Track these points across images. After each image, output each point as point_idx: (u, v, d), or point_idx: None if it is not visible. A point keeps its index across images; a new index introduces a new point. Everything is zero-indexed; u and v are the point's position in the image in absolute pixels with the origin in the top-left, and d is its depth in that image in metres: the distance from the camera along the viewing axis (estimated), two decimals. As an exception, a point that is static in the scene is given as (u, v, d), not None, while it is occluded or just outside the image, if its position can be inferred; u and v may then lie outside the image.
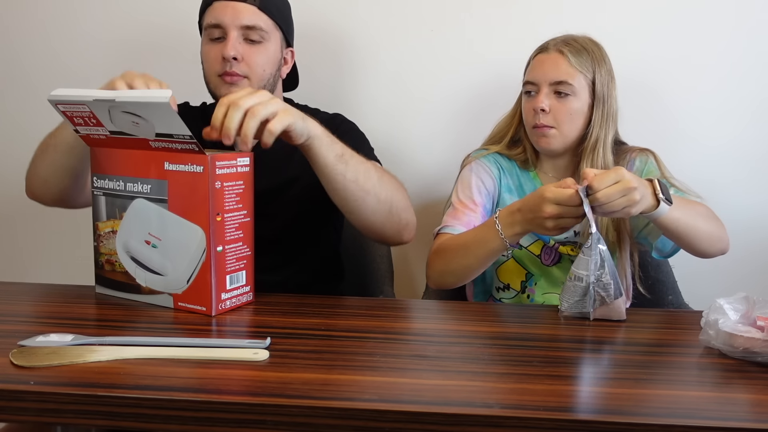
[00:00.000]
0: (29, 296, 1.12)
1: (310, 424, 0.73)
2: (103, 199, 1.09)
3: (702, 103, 1.66)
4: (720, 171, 1.69)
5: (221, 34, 1.28)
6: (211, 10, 1.29)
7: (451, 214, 1.36)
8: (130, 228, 1.06)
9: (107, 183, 1.08)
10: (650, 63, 1.65)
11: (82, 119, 1.03)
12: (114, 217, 1.08)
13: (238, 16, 1.26)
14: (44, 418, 0.76)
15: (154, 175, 1.02)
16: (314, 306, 1.09)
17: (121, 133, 1.02)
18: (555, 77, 1.30)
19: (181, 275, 1.02)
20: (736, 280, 1.70)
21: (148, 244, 1.04)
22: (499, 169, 1.40)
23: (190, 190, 0.99)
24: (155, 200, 1.03)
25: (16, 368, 0.81)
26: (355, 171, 1.11)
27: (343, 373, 0.83)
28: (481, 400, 0.75)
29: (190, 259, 1.01)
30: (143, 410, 0.75)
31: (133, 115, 0.97)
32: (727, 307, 0.91)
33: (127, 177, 1.05)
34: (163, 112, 0.94)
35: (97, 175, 1.09)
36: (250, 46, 1.28)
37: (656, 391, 0.78)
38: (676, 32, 1.64)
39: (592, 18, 1.64)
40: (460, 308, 1.20)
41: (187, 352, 0.86)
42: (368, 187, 1.13)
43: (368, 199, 1.13)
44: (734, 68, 1.64)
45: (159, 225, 1.03)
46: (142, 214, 1.04)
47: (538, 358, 0.87)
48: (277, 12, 1.32)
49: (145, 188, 1.03)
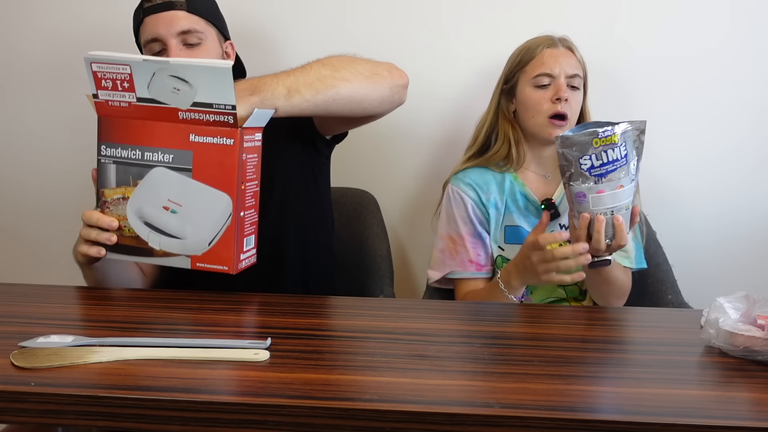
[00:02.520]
0: (30, 297, 1.12)
1: (311, 425, 0.73)
2: (113, 167, 1.11)
3: (700, 102, 1.66)
4: (720, 171, 1.69)
5: (161, 46, 1.30)
6: (144, 27, 1.31)
7: (449, 254, 1.41)
8: (147, 195, 1.10)
9: (120, 152, 1.10)
10: (649, 62, 1.65)
11: (112, 82, 1.06)
12: (126, 185, 1.11)
13: (171, 24, 1.28)
14: (45, 420, 0.76)
15: (177, 145, 1.07)
16: (314, 306, 1.10)
17: (150, 101, 1.05)
18: (571, 71, 1.37)
19: (204, 238, 1.09)
20: (736, 280, 1.70)
21: (166, 209, 1.09)
22: (475, 188, 1.42)
23: (218, 161, 1.06)
24: (177, 169, 1.07)
25: (17, 369, 0.81)
26: (310, 88, 1.13)
27: (344, 374, 0.83)
28: (481, 400, 0.75)
29: (214, 224, 1.08)
30: (144, 411, 0.75)
31: (179, 81, 1.03)
32: (727, 305, 0.91)
33: (145, 147, 1.08)
34: (220, 78, 1.01)
35: (106, 143, 1.10)
36: (190, 50, 1.31)
37: (656, 391, 0.78)
38: (671, 31, 1.64)
39: (599, 19, 1.64)
40: (460, 308, 1.20)
41: (188, 352, 0.86)
42: (331, 93, 1.16)
43: (340, 100, 1.17)
44: (731, 67, 1.64)
45: (181, 192, 1.08)
46: (162, 182, 1.08)
47: (538, 358, 0.87)
48: (205, 10, 1.34)
49: (166, 158, 1.08)
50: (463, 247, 1.40)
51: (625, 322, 1.06)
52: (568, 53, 1.40)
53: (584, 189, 1.08)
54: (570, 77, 1.37)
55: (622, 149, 1.06)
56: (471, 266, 1.39)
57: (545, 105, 1.36)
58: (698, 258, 1.71)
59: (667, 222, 1.65)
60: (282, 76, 1.13)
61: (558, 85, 1.36)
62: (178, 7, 1.29)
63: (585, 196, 1.08)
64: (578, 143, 1.06)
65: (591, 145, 1.05)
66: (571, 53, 1.40)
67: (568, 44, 1.42)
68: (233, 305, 1.08)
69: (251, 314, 1.08)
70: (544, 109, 1.36)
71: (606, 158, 1.05)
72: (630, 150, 1.07)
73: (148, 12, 1.30)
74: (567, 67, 1.37)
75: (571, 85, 1.37)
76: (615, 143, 1.05)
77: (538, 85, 1.38)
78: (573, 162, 1.07)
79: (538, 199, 1.40)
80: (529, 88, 1.39)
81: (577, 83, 1.38)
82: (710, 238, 1.72)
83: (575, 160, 1.07)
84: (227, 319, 1.02)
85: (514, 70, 1.42)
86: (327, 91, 1.15)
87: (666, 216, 1.66)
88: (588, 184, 1.07)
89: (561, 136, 1.07)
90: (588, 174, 1.07)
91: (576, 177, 1.08)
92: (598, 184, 1.07)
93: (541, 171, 1.44)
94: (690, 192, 1.70)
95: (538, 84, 1.37)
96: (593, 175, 1.06)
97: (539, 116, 1.37)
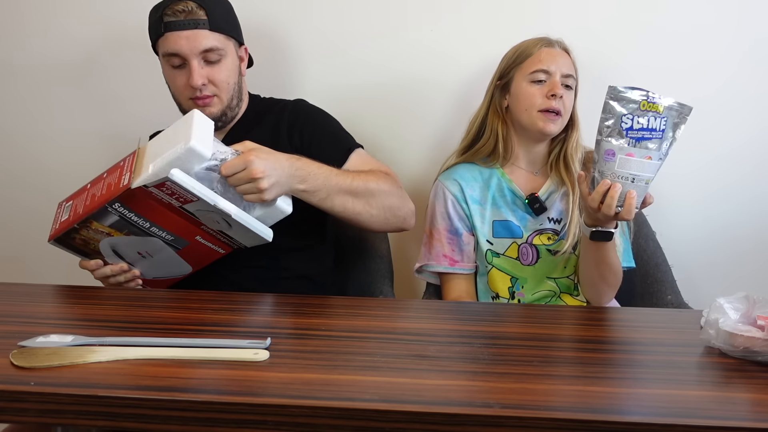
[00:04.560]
0: (29, 297, 1.12)
1: (310, 425, 0.73)
2: (115, 217, 1.13)
3: (701, 105, 1.65)
4: (720, 171, 1.69)
5: (181, 62, 1.31)
6: (165, 41, 1.31)
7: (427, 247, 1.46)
8: (131, 242, 1.18)
9: (130, 215, 1.13)
10: (648, 62, 1.65)
11: (172, 193, 1.09)
12: (117, 230, 1.16)
13: (194, 44, 1.29)
14: (45, 419, 0.76)
15: (182, 234, 1.17)
16: (314, 306, 1.10)
17: (190, 214, 1.13)
18: (566, 70, 1.40)
19: (158, 275, 1.27)
20: (736, 280, 1.70)
21: (140, 254, 1.21)
22: (460, 184, 1.45)
23: (205, 253, 1.22)
24: (169, 244, 1.18)
25: (17, 369, 0.81)
26: (342, 203, 1.25)
27: (344, 373, 0.83)
28: (481, 400, 0.75)
29: (170, 275, 1.27)
30: (144, 411, 0.75)
31: (225, 221, 1.13)
32: (727, 306, 0.91)
33: (155, 223, 1.14)
34: (257, 240, 1.17)
35: (122, 204, 1.11)
36: (211, 67, 1.32)
37: (656, 391, 0.78)
38: (669, 32, 1.64)
39: (599, 21, 1.64)
40: (460, 308, 1.20)
41: (188, 352, 0.86)
42: (358, 209, 1.27)
43: (361, 217, 1.29)
44: (731, 69, 1.64)
45: (158, 251, 1.20)
46: (151, 245, 1.18)
47: (538, 358, 0.87)
48: (225, 25, 1.34)
49: (167, 237, 1.17)
50: (438, 242, 1.43)
51: (625, 322, 1.06)
52: (564, 54, 1.42)
53: (616, 147, 1.09)
54: (565, 76, 1.39)
55: (663, 122, 1.07)
56: (444, 261, 1.42)
57: (539, 99, 1.39)
58: (698, 258, 1.71)
59: (667, 222, 1.65)
60: (333, 177, 1.24)
61: (553, 83, 1.38)
62: (201, 26, 1.30)
63: (614, 155, 1.10)
64: (628, 99, 1.08)
65: (639, 105, 1.08)
66: (566, 54, 1.43)
67: (564, 46, 1.44)
68: (233, 305, 1.09)
69: (251, 314, 1.08)
70: (538, 103, 1.39)
71: (647, 124, 1.07)
72: (668, 128, 1.08)
73: (170, 28, 1.29)
74: (563, 67, 1.40)
75: (565, 84, 1.39)
76: (659, 113, 1.07)
77: (533, 81, 1.40)
78: (616, 116, 1.09)
79: (524, 194, 1.43)
80: (524, 83, 1.41)
81: (570, 83, 1.40)
82: (710, 238, 1.72)
83: (619, 116, 1.09)
84: (227, 319, 1.02)
85: (511, 66, 1.44)
86: (346, 209, 1.27)
87: (666, 216, 1.66)
88: (620, 142, 1.09)
89: (613, 87, 1.10)
90: (625, 133, 1.09)
91: (613, 132, 1.09)
92: (630, 147, 1.09)
93: (529, 167, 1.46)
94: (690, 192, 1.70)
95: (535, 80, 1.40)
96: (629, 136, 1.08)
97: (532, 109, 1.39)
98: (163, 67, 1.37)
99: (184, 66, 1.31)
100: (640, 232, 1.53)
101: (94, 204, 1.13)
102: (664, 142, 1.09)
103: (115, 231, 1.15)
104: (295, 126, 1.38)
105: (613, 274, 1.31)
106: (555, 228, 1.41)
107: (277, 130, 1.39)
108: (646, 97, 1.07)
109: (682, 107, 1.09)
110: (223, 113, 1.36)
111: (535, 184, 1.44)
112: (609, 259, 1.28)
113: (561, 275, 1.41)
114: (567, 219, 1.40)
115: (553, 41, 1.44)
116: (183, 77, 1.32)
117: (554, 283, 1.41)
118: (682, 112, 1.09)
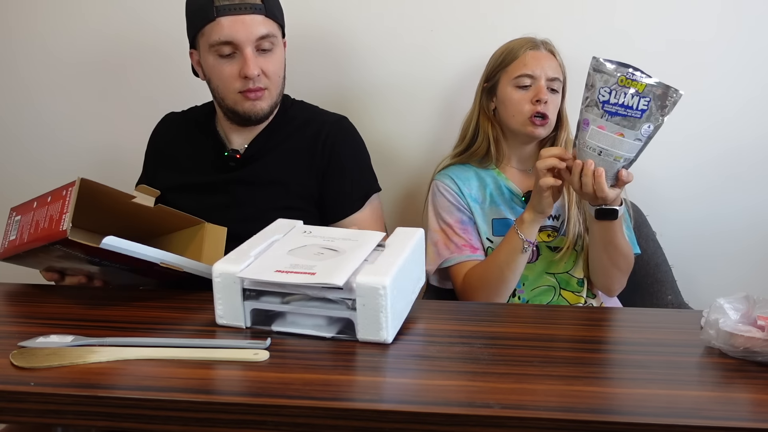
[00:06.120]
0: (29, 297, 1.12)
1: (310, 425, 0.73)
2: (62, 251, 1.06)
3: (701, 105, 1.66)
4: (720, 171, 1.69)
5: (232, 50, 1.24)
6: (217, 26, 1.23)
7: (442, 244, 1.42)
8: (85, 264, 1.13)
9: (77, 253, 1.05)
10: (644, 61, 1.65)
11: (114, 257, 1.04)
12: (67, 260, 1.10)
13: (251, 30, 1.23)
14: (45, 419, 0.76)
15: (134, 264, 1.07)
16: (314, 306, 1.09)
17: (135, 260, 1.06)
18: (551, 74, 1.40)
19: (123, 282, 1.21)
20: (736, 280, 1.70)
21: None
22: (456, 182, 1.45)
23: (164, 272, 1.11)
24: (124, 270, 1.12)
25: (17, 369, 0.81)
26: None
27: (344, 374, 0.83)
28: (481, 401, 0.75)
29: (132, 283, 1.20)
30: (144, 411, 0.75)
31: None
32: (727, 306, 0.91)
33: (105, 259, 1.07)
34: (204, 276, 1.09)
35: (62, 245, 1.03)
36: (264, 57, 1.26)
37: (656, 391, 0.78)
38: (669, 31, 1.64)
39: (597, 21, 1.64)
40: (460, 308, 1.20)
41: (188, 352, 0.86)
42: None
43: None
44: (730, 68, 1.64)
45: (116, 272, 1.14)
46: (106, 269, 1.13)
47: (538, 358, 0.87)
48: (279, 13, 1.31)
49: (121, 266, 1.10)
50: (454, 234, 1.42)
51: (625, 322, 1.06)
52: (549, 56, 1.41)
53: (590, 117, 1.12)
54: (550, 80, 1.39)
55: (643, 102, 1.07)
56: (466, 249, 1.40)
57: (526, 106, 1.39)
58: (698, 259, 1.71)
59: (667, 222, 1.65)
60: None
61: (538, 88, 1.38)
62: (258, 11, 1.24)
63: (588, 126, 1.13)
64: (607, 72, 1.10)
65: (617, 80, 1.08)
66: (552, 56, 1.42)
67: (550, 47, 1.43)
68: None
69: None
70: (525, 110, 1.39)
71: (623, 100, 1.08)
72: (651, 109, 1.08)
73: (225, 11, 1.21)
74: (548, 70, 1.39)
75: (551, 88, 1.39)
76: (638, 92, 1.08)
77: (519, 86, 1.40)
78: (595, 87, 1.11)
79: (521, 191, 1.44)
80: (510, 87, 1.41)
81: (556, 86, 1.40)
82: (710, 238, 1.72)
83: (598, 88, 1.11)
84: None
85: (496, 69, 1.44)
86: None
87: (666, 216, 1.66)
88: (594, 114, 1.11)
89: (597, 58, 1.11)
90: (601, 105, 1.10)
91: (591, 102, 1.12)
92: (602, 120, 1.11)
93: (522, 166, 1.48)
94: (690, 192, 1.70)
95: (520, 84, 1.40)
96: (604, 109, 1.10)
97: (520, 116, 1.40)
98: (205, 58, 1.28)
99: (233, 56, 1.24)
100: (640, 232, 1.53)
101: (37, 237, 1.06)
102: (643, 124, 1.09)
103: (64, 260, 1.10)
104: (334, 145, 1.35)
105: (623, 257, 1.32)
106: (554, 225, 1.42)
107: (314, 141, 1.35)
108: (625, 73, 1.08)
109: (668, 89, 1.08)
110: (270, 110, 1.31)
111: (530, 182, 1.44)
112: (617, 241, 1.28)
113: (561, 271, 1.41)
114: (565, 215, 1.40)
115: (539, 43, 1.42)
116: (233, 67, 1.25)
117: (554, 278, 1.41)
118: (667, 95, 1.08)
